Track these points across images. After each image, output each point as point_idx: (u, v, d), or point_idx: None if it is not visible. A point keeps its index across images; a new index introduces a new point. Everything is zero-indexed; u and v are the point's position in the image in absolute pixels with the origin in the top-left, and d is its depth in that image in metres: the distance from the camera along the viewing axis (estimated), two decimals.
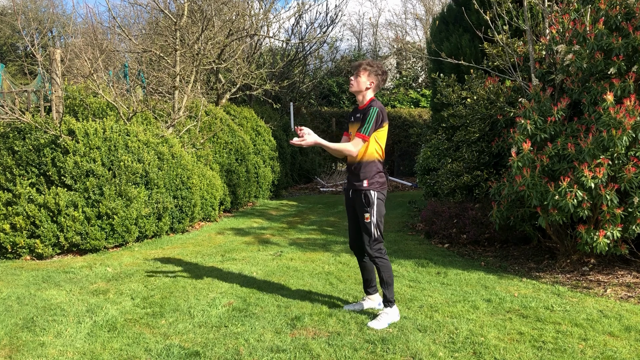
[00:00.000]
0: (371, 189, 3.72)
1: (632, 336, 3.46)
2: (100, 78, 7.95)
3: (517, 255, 5.79)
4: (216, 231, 7.56)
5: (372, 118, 3.67)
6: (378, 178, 3.76)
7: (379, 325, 3.66)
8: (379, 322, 3.69)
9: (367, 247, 3.74)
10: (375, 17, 26.09)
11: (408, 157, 15.62)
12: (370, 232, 3.72)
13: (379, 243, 3.74)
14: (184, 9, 8.82)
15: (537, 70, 5.73)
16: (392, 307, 3.78)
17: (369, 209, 3.71)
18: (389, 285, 3.76)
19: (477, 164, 7.00)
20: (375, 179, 3.74)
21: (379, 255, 3.73)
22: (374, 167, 3.74)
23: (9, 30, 22.41)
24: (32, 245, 6.00)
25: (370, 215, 3.70)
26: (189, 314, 4.00)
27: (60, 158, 6.27)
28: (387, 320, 3.71)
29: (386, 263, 3.75)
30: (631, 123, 4.29)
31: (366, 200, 3.72)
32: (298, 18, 15.36)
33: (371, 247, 3.73)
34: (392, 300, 3.78)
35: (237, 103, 13.09)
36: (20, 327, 3.78)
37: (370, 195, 3.72)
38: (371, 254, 3.73)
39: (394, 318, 3.76)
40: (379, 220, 3.74)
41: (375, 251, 3.72)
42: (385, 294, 3.78)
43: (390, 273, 3.77)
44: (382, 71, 3.86)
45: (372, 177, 3.73)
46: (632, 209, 4.43)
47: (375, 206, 3.72)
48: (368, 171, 3.74)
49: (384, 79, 3.87)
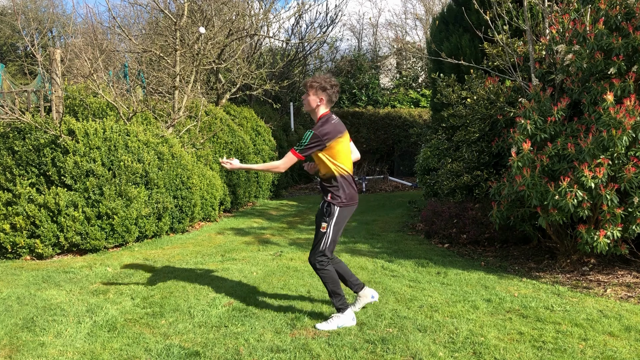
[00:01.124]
0: (334, 203, 3.68)
1: (632, 336, 3.46)
2: (100, 78, 7.95)
3: (517, 255, 5.79)
4: (216, 231, 7.56)
5: (305, 139, 3.61)
6: (341, 193, 3.69)
7: (327, 327, 3.64)
8: (328, 324, 3.67)
9: (311, 255, 3.70)
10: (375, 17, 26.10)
11: (408, 157, 15.61)
12: (321, 242, 3.66)
13: (324, 256, 3.67)
14: (184, 9, 8.82)
15: (537, 70, 5.73)
16: (344, 312, 3.72)
17: (328, 219, 3.66)
18: (336, 295, 3.71)
19: (477, 164, 7.00)
20: (338, 194, 3.69)
21: (320, 267, 3.66)
22: (334, 182, 3.69)
23: (9, 30, 22.41)
24: (32, 245, 6.00)
25: (327, 226, 3.65)
26: (189, 314, 4.00)
27: (60, 158, 6.27)
28: (337, 323, 3.67)
29: (328, 274, 3.68)
30: (631, 123, 4.29)
31: (327, 211, 3.68)
32: (298, 18, 15.36)
33: (315, 256, 3.67)
34: (343, 308, 3.72)
35: (237, 103, 13.10)
36: (20, 327, 3.78)
37: (332, 208, 3.67)
38: (314, 262, 3.67)
39: (347, 323, 3.70)
40: (335, 235, 3.68)
41: (318, 262, 3.66)
42: (334, 303, 3.73)
43: (335, 283, 3.71)
44: (331, 84, 3.70)
45: (335, 192, 3.69)
46: (632, 208, 4.43)
47: (334, 219, 3.66)
48: (329, 186, 3.70)
49: (334, 92, 3.72)
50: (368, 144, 16.31)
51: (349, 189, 3.72)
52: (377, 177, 14.71)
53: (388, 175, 15.05)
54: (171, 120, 8.27)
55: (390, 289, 4.55)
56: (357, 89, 18.37)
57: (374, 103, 18.53)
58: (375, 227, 7.75)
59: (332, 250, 3.71)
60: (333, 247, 3.70)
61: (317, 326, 3.67)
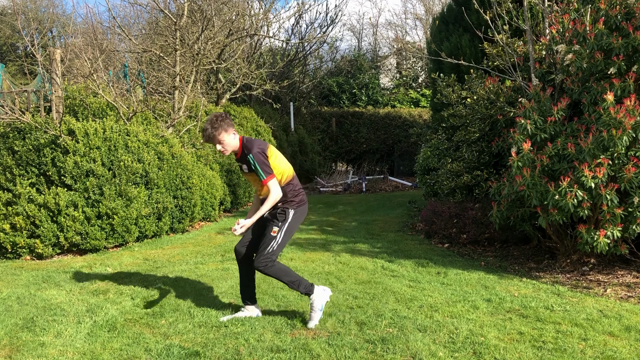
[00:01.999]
0: (288, 207, 3.75)
1: (632, 336, 3.46)
2: (100, 78, 7.95)
3: (517, 255, 5.79)
4: (216, 231, 7.56)
5: (256, 165, 3.64)
6: (291, 197, 3.78)
7: (315, 321, 3.68)
8: (312, 321, 3.69)
9: (256, 261, 3.64)
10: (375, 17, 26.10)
11: (408, 157, 15.61)
12: (268, 246, 3.63)
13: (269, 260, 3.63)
14: (184, 9, 8.82)
15: (537, 70, 5.73)
16: (313, 293, 3.71)
17: (281, 224, 3.70)
18: (296, 282, 3.69)
19: (477, 164, 7.00)
20: (288, 198, 3.77)
21: (266, 266, 3.60)
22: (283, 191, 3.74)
23: (9, 30, 22.40)
24: (32, 245, 6.00)
25: (278, 230, 3.68)
26: (189, 313, 4.00)
27: (60, 158, 6.27)
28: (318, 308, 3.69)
29: (275, 268, 3.64)
30: (631, 123, 4.29)
31: (281, 215, 3.73)
32: (298, 18, 15.37)
33: (260, 259, 3.62)
34: (312, 289, 3.72)
35: (237, 103, 13.10)
36: (20, 327, 3.78)
37: (287, 211, 3.74)
38: (259, 266, 3.62)
39: (324, 300, 3.72)
40: (286, 238, 3.71)
41: (262, 265, 3.61)
42: (300, 291, 3.72)
43: (288, 272, 3.70)
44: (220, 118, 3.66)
45: (285, 199, 3.75)
46: (632, 208, 4.43)
47: (287, 223, 3.71)
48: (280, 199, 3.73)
49: (227, 121, 3.68)
50: (368, 144, 16.30)
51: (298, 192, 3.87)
52: (377, 177, 14.71)
53: (388, 175, 15.05)
54: (171, 120, 8.27)
55: (390, 289, 4.55)
56: (357, 89, 18.38)
57: (374, 103, 18.54)
58: (375, 227, 7.75)
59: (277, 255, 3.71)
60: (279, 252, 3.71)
61: (308, 326, 3.66)
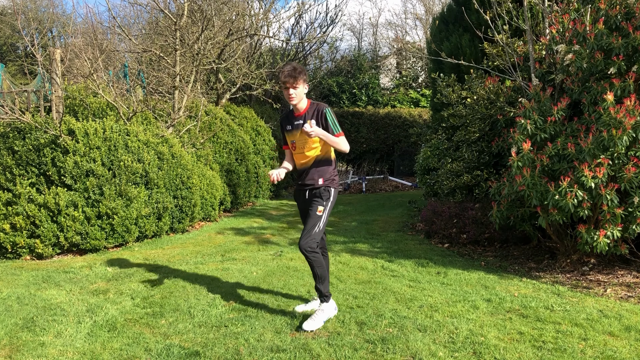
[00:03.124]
0: (330, 186, 3.79)
1: (632, 336, 3.46)
2: (100, 78, 7.95)
3: (517, 255, 5.79)
4: (216, 231, 7.56)
5: (333, 119, 3.73)
6: (334, 175, 3.86)
7: (314, 326, 3.60)
8: (314, 321, 3.63)
9: (303, 240, 3.64)
10: (375, 17, 26.09)
11: (408, 157, 15.61)
12: (315, 225, 3.66)
13: (315, 241, 3.64)
14: (184, 9, 8.82)
15: (537, 70, 5.73)
16: (327, 302, 3.76)
17: (325, 202, 3.74)
18: (324, 279, 3.73)
19: (477, 164, 7.00)
20: (332, 175, 3.83)
21: (311, 250, 3.61)
22: (333, 164, 3.85)
23: (9, 30, 22.40)
24: (32, 245, 6.00)
25: (323, 209, 3.71)
26: (189, 313, 4.00)
27: (60, 158, 6.27)
28: (323, 318, 3.68)
29: (318, 257, 3.67)
30: (631, 123, 4.29)
31: (325, 194, 3.76)
32: (298, 18, 15.37)
33: (307, 240, 3.61)
34: (328, 295, 3.77)
35: (237, 103, 13.09)
36: (20, 327, 3.78)
37: (330, 190, 3.79)
38: (305, 247, 3.61)
39: (330, 314, 3.75)
40: (327, 218, 3.75)
41: (309, 246, 3.61)
42: (319, 288, 3.75)
43: (324, 267, 3.73)
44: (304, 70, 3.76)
45: (330, 176, 3.82)
46: (632, 208, 4.43)
47: (329, 202, 3.76)
48: (325, 170, 3.79)
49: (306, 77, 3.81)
50: (368, 143, 16.29)
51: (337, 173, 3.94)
52: (377, 177, 14.71)
53: (388, 175, 15.05)
54: (171, 120, 8.27)
55: (390, 289, 4.55)
56: (357, 88, 18.38)
57: (374, 103, 18.54)
58: (375, 227, 7.75)
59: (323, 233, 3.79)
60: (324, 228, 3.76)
61: (303, 327, 3.60)
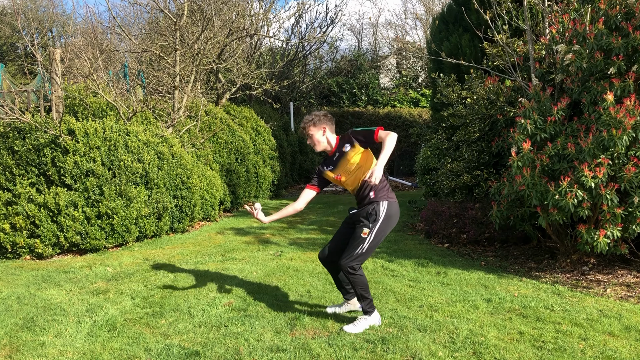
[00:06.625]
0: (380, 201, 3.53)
1: (632, 336, 3.46)
2: (100, 78, 7.95)
3: (517, 255, 5.79)
4: (216, 231, 7.56)
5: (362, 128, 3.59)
6: (384, 188, 3.60)
7: (355, 330, 3.57)
8: (355, 326, 3.60)
9: (343, 259, 3.50)
10: (375, 16, 26.06)
11: (408, 157, 15.62)
12: (358, 247, 3.49)
13: (357, 263, 3.49)
14: (184, 9, 8.82)
15: (537, 70, 5.73)
16: (371, 315, 3.68)
17: (372, 225, 3.50)
18: (365, 299, 3.62)
19: (477, 164, 7.00)
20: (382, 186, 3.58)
21: (352, 271, 3.49)
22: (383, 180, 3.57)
23: (9, 30, 22.39)
24: (32, 245, 6.00)
25: (369, 232, 3.50)
26: (189, 313, 4.00)
27: (60, 158, 6.27)
28: (365, 325, 3.63)
29: (359, 278, 3.53)
30: (631, 123, 4.29)
31: (372, 215, 3.51)
32: (298, 18, 15.37)
33: (347, 260, 3.47)
34: (371, 311, 3.67)
35: (237, 103, 13.10)
36: (20, 327, 3.78)
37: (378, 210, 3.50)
38: (345, 267, 3.48)
39: (373, 322, 3.67)
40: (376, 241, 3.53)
41: (349, 266, 3.48)
42: (362, 306, 3.67)
43: (365, 287, 3.58)
44: (322, 114, 3.68)
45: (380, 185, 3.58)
46: (632, 208, 4.43)
47: (378, 224, 3.51)
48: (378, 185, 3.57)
49: (328, 118, 3.68)
50: None
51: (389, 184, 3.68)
52: None
53: (388, 175, 15.05)
54: (171, 120, 8.27)
55: (390, 289, 4.55)
56: (357, 88, 18.38)
57: (374, 103, 18.54)
58: None
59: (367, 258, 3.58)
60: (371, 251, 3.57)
61: (344, 328, 3.58)
